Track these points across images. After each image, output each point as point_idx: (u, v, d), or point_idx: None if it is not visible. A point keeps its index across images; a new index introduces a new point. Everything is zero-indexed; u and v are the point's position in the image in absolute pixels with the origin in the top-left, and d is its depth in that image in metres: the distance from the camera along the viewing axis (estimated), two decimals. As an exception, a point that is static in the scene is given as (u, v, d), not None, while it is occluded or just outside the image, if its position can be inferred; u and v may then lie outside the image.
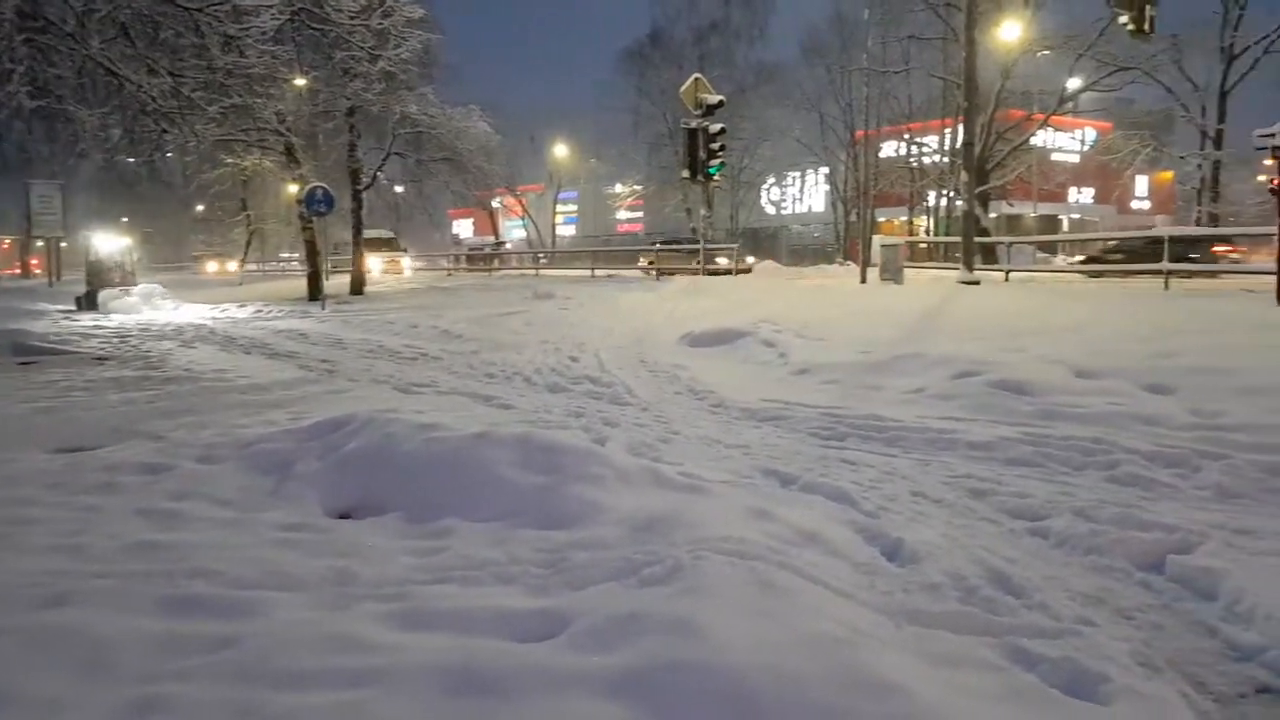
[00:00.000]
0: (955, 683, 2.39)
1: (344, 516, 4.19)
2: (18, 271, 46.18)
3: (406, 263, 36.83)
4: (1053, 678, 2.50)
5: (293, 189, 24.32)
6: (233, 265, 42.49)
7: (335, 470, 4.56)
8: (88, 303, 22.10)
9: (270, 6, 10.32)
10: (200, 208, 43.54)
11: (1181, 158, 31.96)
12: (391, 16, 17.25)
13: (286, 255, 48.69)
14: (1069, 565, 3.53)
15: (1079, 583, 3.35)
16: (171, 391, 8.61)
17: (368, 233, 26.59)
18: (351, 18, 13.05)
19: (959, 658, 2.56)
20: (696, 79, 19.73)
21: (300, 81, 19.92)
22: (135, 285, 22.72)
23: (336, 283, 25.50)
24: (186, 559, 3.36)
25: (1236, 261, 18.10)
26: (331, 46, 18.56)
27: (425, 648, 2.61)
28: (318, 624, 2.79)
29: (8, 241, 47.77)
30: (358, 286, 24.31)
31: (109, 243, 24.27)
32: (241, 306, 21.79)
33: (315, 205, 19.25)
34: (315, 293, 22.10)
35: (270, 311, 19.86)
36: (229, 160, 24.02)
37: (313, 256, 23.16)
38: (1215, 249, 17.62)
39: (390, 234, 36.20)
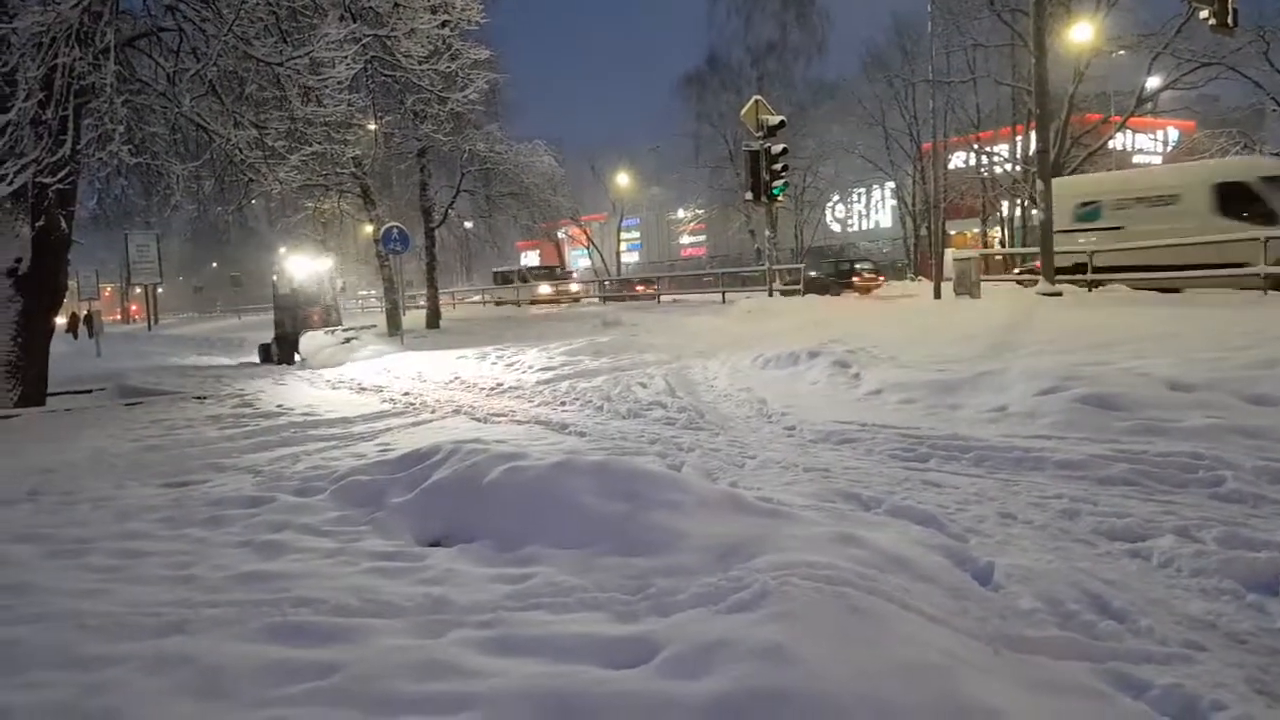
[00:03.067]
0: (1059, 710, 2.33)
1: (434, 545, 4.30)
2: (118, 318, 48.63)
3: (575, 288, 37.17)
4: (1163, 705, 2.41)
5: (369, 229, 25.12)
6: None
7: (424, 500, 4.69)
8: (281, 353, 18.18)
9: (345, 57, 10.75)
10: (283, 250, 45.27)
11: (1275, 154, 30.57)
12: (458, 60, 17.79)
13: (363, 292, 50.14)
14: (1173, 588, 3.39)
15: (1185, 606, 3.21)
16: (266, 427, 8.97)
17: (535, 264, 27.38)
18: (420, 63, 13.48)
19: (1061, 684, 2.49)
20: (757, 100, 19.77)
21: (373, 126, 20.64)
22: (339, 325, 18.55)
23: (413, 316, 26.21)
24: (290, 588, 3.50)
25: None
26: (402, 91, 19.21)
27: (519, 673, 2.66)
28: (415, 650, 2.87)
29: (109, 289, 50.33)
30: (433, 320, 24.91)
31: (304, 267, 19.29)
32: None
33: (391, 244, 19.85)
34: (394, 327, 22.73)
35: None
36: (309, 204, 24.97)
37: (390, 292, 23.84)
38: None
39: (554, 264, 38.07)
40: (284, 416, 9.80)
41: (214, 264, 69.56)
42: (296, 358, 17.56)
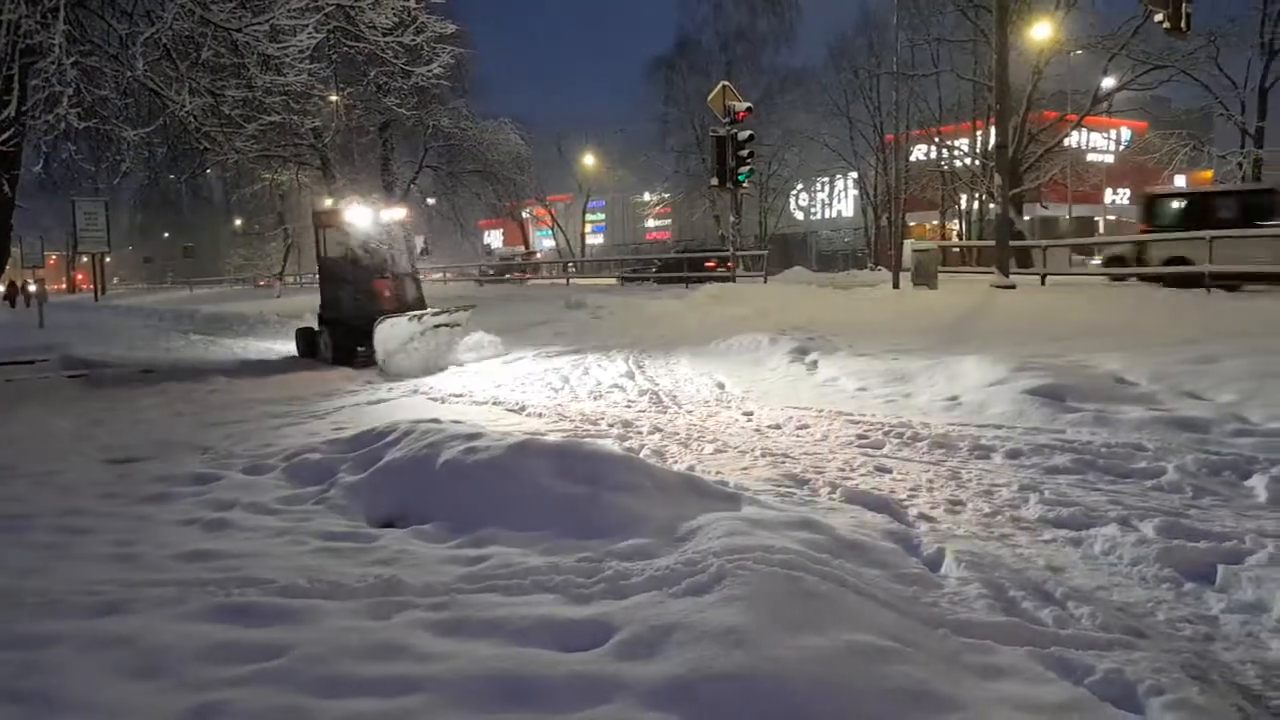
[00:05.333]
0: (1004, 694, 2.38)
1: (388, 525, 4.25)
2: (62, 287, 47.30)
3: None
4: (1104, 690, 2.47)
5: (328, 203, 24.70)
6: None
7: (378, 480, 4.63)
8: (336, 345, 12.12)
9: (306, 25, 10.48)
10: (238, 222, 44.33)
11: (1221, 156, 31.33)
12: (424, 33, 17.48)
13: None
14: (1115, 576, 3.48)
15: (1126, 594, 3.30)
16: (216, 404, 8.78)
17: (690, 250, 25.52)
18: (385, 35, 13.20)
19: (1006, 669, 2.55)
20: (725, 86, 19.73)
21: (335, 98, 20.25)
22: (426, 311, 11.57)
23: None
24: (236, 568, 3.43)
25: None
26: (365, 63, 18.87)
27: (472, 656, 2.65)
28: (365, 632, 2.84)
29: (54, 258, 48.92)
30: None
31: (366, 217, 12.36)
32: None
33: (350, 218, 19.50)
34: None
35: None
36: (266, 176, 24.47)
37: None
38: None
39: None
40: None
41: (166, 234, 67.84)
42: (377, 356, 10.96)
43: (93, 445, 6.46)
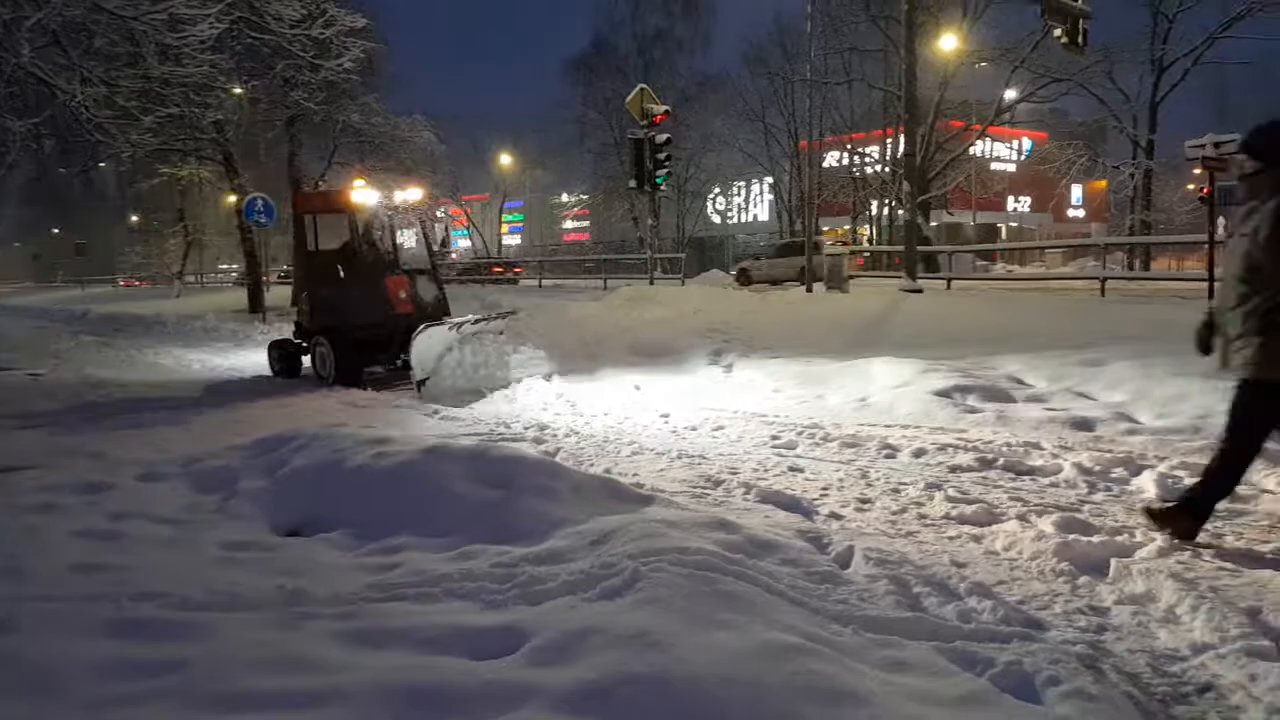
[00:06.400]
0: (909, 689, 2.44)
1: (292, 534, 4.11)
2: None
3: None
4: (1003, 682, 2.55)
5: (231, 199, 23.80)
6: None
7: (282, 487, 4.48)
8: (341, 362, 9.80)
9: (208, 15, 10.08)
10: (135, 218, 42.35)
11: (1115, 167, 33.10)
12: (333, 26, 17.01)
13: (224, 266, 47.60)
14: (1014, 570, 3.62)
15: (1026, 587, 3.43)
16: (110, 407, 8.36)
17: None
18: (292, 27, 12.80)
19: (912, 664, 2.61)
20: (642, 89, 19.78)
21: (239, 91, 19.54)
22: (465, 318, 9.55)
23: (277, 293, 25.08)
24: (130, 580, 3.26)
25: None
26: (272, 55, 18.24)
27: (380, 666, 2.58)
28: (268, 644, 2.73)
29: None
30: (299, 298, 23.87)
31: (374, 199, 10.41)
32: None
33: (255, 215, 18.87)
34: (256, 305, 21.64)
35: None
36: (165, 170, 23.44)
37: (253, 268, 22.69)
38: None
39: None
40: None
41: (55, 230, 64.57)
42: (414, 375, 8.78)
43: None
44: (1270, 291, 3.48)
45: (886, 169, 33.38)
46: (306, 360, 10.90)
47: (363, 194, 10.51)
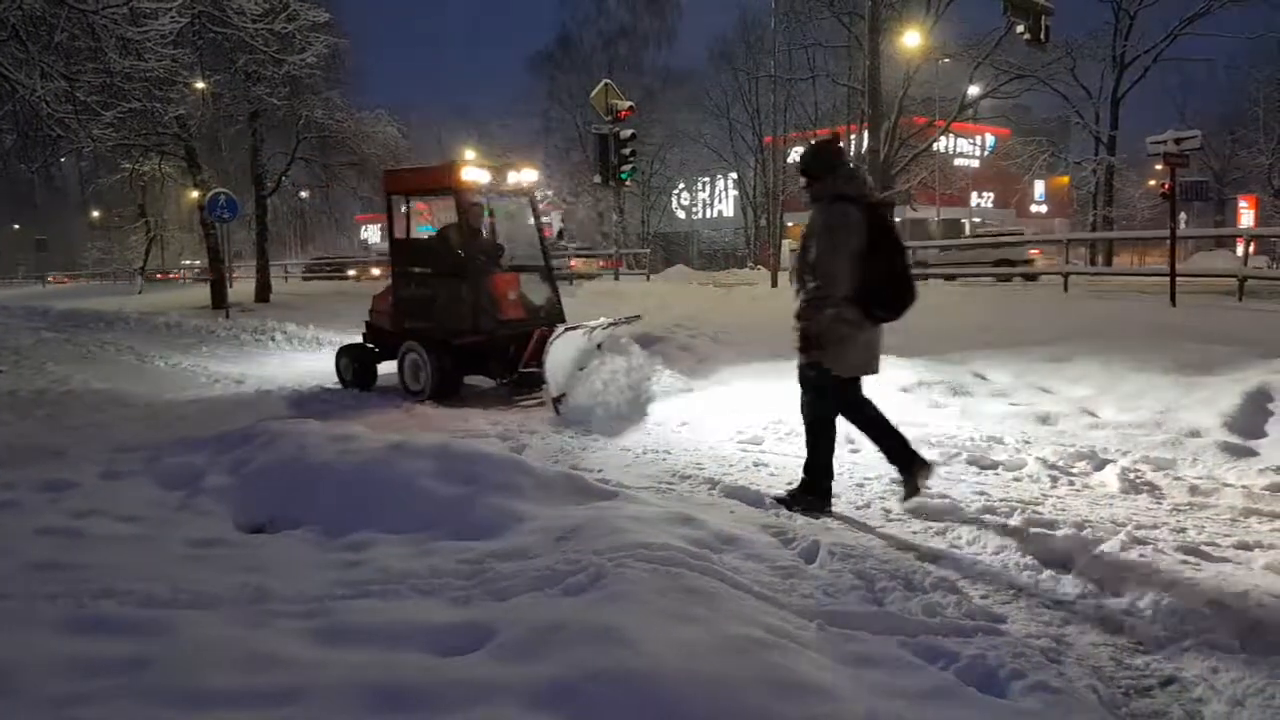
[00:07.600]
0: (875, 682, 2.46)
1: (257, 531, 4.08)
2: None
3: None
4: (968, 675, 2.58)
5: (194, 194, 23.39)
6: None
7: (247, 483, 4.44)
8: (438, 375, 8.20)
9: (170, 9, 9.90)
10: (96, 214, 41.51)
11: (1077, 163, 33.63)
12: (296, 21, 16.78)
13: (186, 262, 46.79)
14: (978, 564, 3.66)
15: (990, 582, 3.47)
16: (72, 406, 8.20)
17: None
18: (254, 21, 12.62)
19: (877, 658, 2.63)
20: (607, 84, 19.77)
21: (201, 85, 19.23)
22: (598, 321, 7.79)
23: (240, 289, 24.71)
24: (93, 578, 3.23)
25: None
26: (234, 50, 17.99)
27: (346, 664, 2.57)
28: (233, 642, 2.71)
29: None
30: (263, 293, 23.54)
31: (488, 180, 8.54)
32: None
33: (217, 211, 18.58)
34: (219, 301, 21.32)
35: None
36: (126, 165, 23.00)
37: (216, 263, 22.34)
38: None
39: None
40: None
41: (15, 226, 63.42)
42: (549, 390, 7.27)
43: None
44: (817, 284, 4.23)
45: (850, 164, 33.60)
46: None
47: (474, 171, 8.51)
